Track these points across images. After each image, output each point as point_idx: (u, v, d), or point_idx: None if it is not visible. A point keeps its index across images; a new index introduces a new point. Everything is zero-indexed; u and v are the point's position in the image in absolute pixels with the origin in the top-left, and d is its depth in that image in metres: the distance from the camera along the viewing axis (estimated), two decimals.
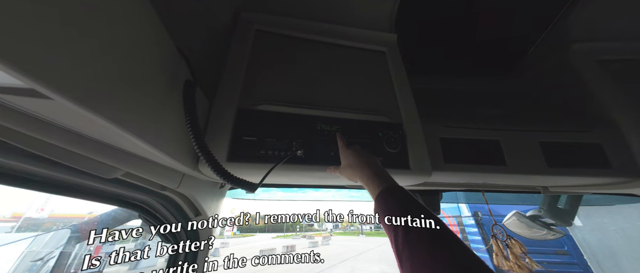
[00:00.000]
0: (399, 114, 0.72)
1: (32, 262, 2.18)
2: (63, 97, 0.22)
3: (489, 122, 0.80)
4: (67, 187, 0.49)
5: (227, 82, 0.66)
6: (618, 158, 0.73)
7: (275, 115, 0.63)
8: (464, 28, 1.01)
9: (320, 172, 0.59)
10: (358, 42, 0.87)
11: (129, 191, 0.62)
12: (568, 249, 3.94)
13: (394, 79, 0.80)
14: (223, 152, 0.55)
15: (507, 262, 0.97)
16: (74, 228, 1.39)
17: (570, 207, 1.33)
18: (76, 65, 0.23)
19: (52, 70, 0.21)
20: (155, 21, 0.37)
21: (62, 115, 0.30)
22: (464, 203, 4.88)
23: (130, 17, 0.32)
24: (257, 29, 0.80)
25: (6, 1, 0.18)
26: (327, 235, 21.50)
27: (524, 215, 1.42)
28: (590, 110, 0.86)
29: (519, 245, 1.01)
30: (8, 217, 14.40)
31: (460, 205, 5.10)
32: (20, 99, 0.26)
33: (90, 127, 0.34)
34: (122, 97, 0.30)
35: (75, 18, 0.23)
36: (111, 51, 0.28)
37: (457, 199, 3.43)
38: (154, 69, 0.37)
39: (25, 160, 0.38)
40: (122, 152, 0.42)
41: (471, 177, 0.74)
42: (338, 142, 0.58)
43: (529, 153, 0.73)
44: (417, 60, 1.09)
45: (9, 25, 0.18)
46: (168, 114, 0.41)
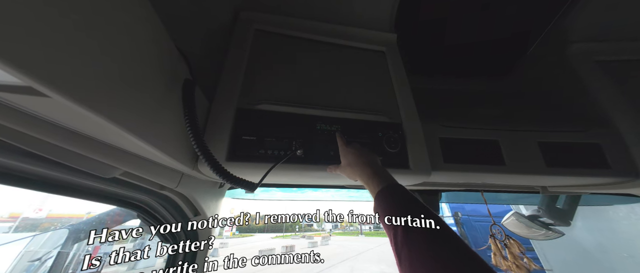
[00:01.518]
0: (399, 113, 0.72)
1: (29, 262, 2.17)
2: (61, 95, 0.21)
3: (488, 122, 0.80)
4: (65, 187, 0.49)
5: (227, 81, 0.65)
6: (616, 158, 0.73)
7: (274, 114, 0.63)
8: (463, 28, 1.01)
9: (319, 172, 0.59)
10: (358, 42, 0.87)
11: (127, 191, 0.62)
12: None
13: (393, 79, 0.80)
14: (222, 151, 0.54)
15: (505, 262, 0.97)
16: (72, 228, 1.39)
17: (569, 207, 1.33)
18: (74, 64, 0.23)
19: (49, 68, 0.21)
20: (155, 21, 0.37)
21: (60, 114, 0.30)
22: (446, 203, 4.93)
23: (130, 17, 0.31)
24: (256, 29, 0.80)
25: (5, 2, 0.18)
26: (326, 235, 21.50)
27: (523, 215, 1.42)
28: (589, 111, 0.86)
29: (517, 244, 1.01)
30: (6, 217, 14.32)
31: (442, 205, 5.14)
32: (17, 97, 0.26)
33: (89, 126, 0.34)
34: (121, 95, 0.29)
35: (74, 17, 0.23)
36: (110, 50, 0.28)
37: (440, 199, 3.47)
38: (153, 68, 0.37)
39: (23, 159, 0.37)
40: (120, 151, 0.41)
41: (470, 177, 0.74)
42: (338, 141, 0.58)
43: (527, 153, 0.73)
44: (416, 60, 1.09)
45: (7, 23, 0.18)
46: (167, 113, 0.41)
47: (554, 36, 1.00)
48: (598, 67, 0.90)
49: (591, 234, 2.01)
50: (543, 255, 2.39)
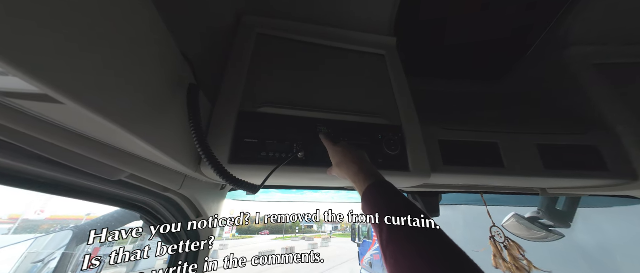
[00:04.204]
0: (399, 116, 0.73)
1: (32, 264, 2.18)
2: (75, 103, 0.23)
3: (487, 124, 0.81)
4: (71, 189, 0.50)
5: (229, 85, 0.67)
6: (614, 160, 0.74)
7: (276, 117, 0.64)
8: (462, 31, 1.02)
9: (320, 174, 0.60)
10: (358, 46, 0.88)
11: (131, 193, 0.63)
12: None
13: (393, 82, 0.81)
14: (225, 154, 0.55)
15: (505, 264, 0.97)
16: (75, 230, 1.40)
17: (568, 209, 1.33)
18: (87, 71, 0.24)
19: (64, 76, 0.22)
20: (161, 26, 0.38)
21: (71, 118, 0.31)
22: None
23: (138, 24, 0.33)
24: (258, 33, 0.81)
25: (22, 12, 0.19)
26: (326, 237, 21.41)
27: (523, 217, 1.42)
28: (587, 113, 0.87)
29: (517, 246, 1.01)
30: (5, 219, 14.33)
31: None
32: (31, 104, 0.27)
33: (97, 130, 0.35)
34: (131, 101, 0.31)
35: (87, 26, 0.24)
36: (121, 57, 0.29)
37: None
38: (160, 73, 0.38)
39: (32, 162, 0.39)
40: (127, 154, 0.43)
41: (470, 179, 0.75)
42: (323, 142, 0.57)
43: (526, 156, 0.74)
44: (416, 63, 1.10)
45: (23, 33, 0.19)
46: (172, 116, 0.42)
47: (553, 39, 1.01)
48: (596, 70, 0.91)
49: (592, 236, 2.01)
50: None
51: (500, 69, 1.19)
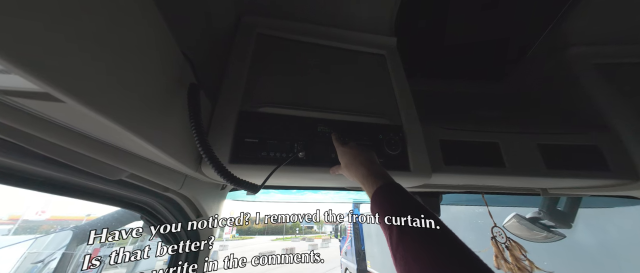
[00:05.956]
0: (399, 116, 0.73)
1: (32, 264, 2.18)
2: (76, 101, 0.23)
3: (488, 124, 0.81)
4: (72, 188, 0.50)
5: (230, 84, 0.67)
6: (615, 160, 0.73)
7: (276, 117, 0.64)
8: (462, 31, 1.02)
9: (321, 174, 0.60)
10: (358, 46, 0.89)
11: (132, 192, 0.63)
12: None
13: (393, 82, 0.81)
14: (226, 154, 0.55)
15: (506, 264, 0.97)
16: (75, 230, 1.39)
17: (569, 209, 1.33)
18: (88, 70, 0.24)
19: (66, 75, 0.22)
20: (162, 26, 0.38)
21: (72, 117, 0.31)
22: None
23: (139, 23, 0.33)
24: (258, 33, 0.81)
25: (23, 12, 0.19)
26: (326, 238, 21.38)
27: (524, 217, 1.42)
28: (588, 113, 0.87)
29: (519, 247, 1.01)
30: (5, 220, 14.33)
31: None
32: (32, 102, 0.27)
33: (97, 129, 0.35)
34: (133, 100, 0.31)
35: (87, 26, 0.24)
36: (122, 56, 0.29)
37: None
38: (161, 73, 0.38)
39: (33, 161, 0.38)
40: (127, 153, 0.42)
41: (471, 179, 0.75)
42: (333, 142, 0.58)
43: (527, 156, 0.74)
44: (416, 63, 1.10)
45: (26, 32, 0.19)
46: (173, 116, 0.42)
47: (553, 39, 1.00)
48: (597, 69, 0.91)
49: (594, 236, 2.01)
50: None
51: (501, 68, 1.19)
